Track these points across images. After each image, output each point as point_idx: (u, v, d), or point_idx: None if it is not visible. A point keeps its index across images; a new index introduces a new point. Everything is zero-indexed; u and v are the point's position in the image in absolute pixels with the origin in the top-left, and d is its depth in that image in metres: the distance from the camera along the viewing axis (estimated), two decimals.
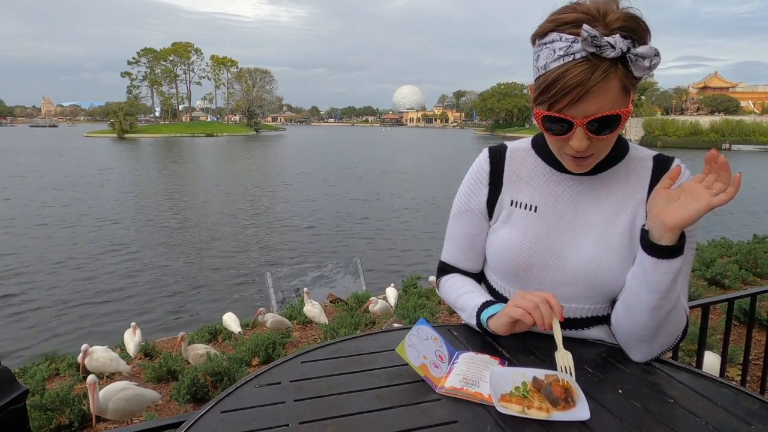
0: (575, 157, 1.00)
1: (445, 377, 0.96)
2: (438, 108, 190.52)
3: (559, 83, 0.89)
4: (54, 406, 3.72)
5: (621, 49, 0.87)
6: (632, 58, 0.88)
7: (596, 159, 1.02)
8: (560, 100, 0.91)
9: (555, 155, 1.07)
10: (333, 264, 10.07)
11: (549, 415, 0.82)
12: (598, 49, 0.87)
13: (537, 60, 0.96)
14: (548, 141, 1.05)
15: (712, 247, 8.19)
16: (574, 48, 0.88)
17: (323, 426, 0.82)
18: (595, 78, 0.88)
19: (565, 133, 0.95)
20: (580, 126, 0.93)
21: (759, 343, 3.91)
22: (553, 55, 0.91)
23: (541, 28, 0.95)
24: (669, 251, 0.93)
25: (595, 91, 0.89)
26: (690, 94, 78.64)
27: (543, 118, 0.96)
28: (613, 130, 0.95)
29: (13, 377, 1.30)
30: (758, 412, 0.85)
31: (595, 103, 0.90)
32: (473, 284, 1.21)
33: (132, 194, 23.18)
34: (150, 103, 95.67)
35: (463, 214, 1.21)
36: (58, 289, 10.52)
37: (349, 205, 20.51)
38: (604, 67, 0.88)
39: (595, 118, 0.91)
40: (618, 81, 0.90)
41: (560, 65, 0.90)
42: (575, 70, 0.88)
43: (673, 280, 0.95)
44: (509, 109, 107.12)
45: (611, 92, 0.90)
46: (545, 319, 0.97)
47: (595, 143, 0.96)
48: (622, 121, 0.94)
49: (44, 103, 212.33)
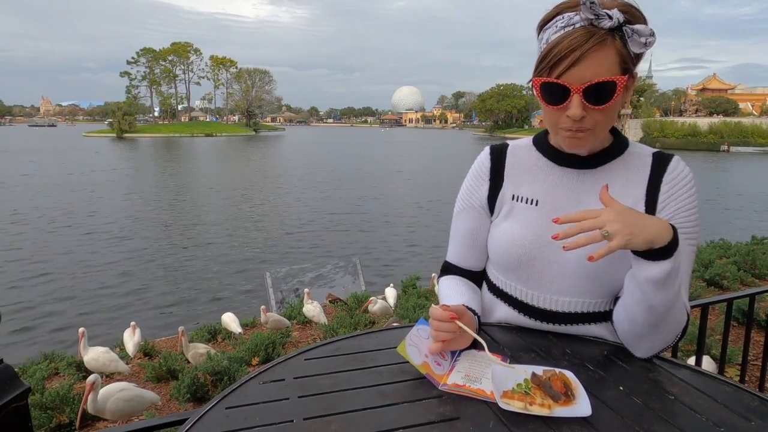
0: (572, 130, 1.00)
1: (448, 374, 0.97)
2: (437, 109, 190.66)
3: (556, 48, 0.94)
4: (54, 405, 3.73)
5: (618, 19, 0.92)
6: (628, 31, 0.93)
7: (593, 136, 1.02)
8: (557, 65, 0.94)
9: (552, 139, 1.09)
10: (332, 264, 10.07)
11: (551, 412, 0.83)
12: (596, 18, 0.91)
13: (541, 42, 1.00)
14: (546, 118, 1.06)
15: (710, 248, 8.20)
16: (575, 20, 0.94)
17: (327, 422, 0.83)
18: (591, 43, 0.92)
19: (562, 101, 0.97)
20: (576, 93, 0.95)
21: (757, 344, 3.92)
22: (555, 29, 0.96)
23: (546, 15, 1.00)
24: (650, 254, 0.91)
25: (591, 57, 0.92)
26: (689, 95, 78.78)
27: (541, 85, 0.98)
28: (608, 100, 0.96)
29: (15, 375, 1.31)
30: (758, 409, 0.86)
31: (590, 70, 0.93)
32: (460, 288, 1.21)
33: (131, 194, 23.15)
34: (149, 103, 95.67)
35: (465, 211, 1.23)
36: (56, 288, 10.51)
37: (349, 206, 20.51)
38: (601, 34, 0.92)
39: (590, 84, 0.93)
40: (614, 52, 0.93)
41: (560, 34, 0.95)
42: (572, 36, 0.93)
43: (665, 280, 0.93)
44: (508, 110, 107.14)
45: (607, 61, 0.93)
46: (439, 334, 0.98)
47: (592, 114, 0.97)
48: (617, 91, 0.95)
49: (43, 103, 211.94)
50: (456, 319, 0.99)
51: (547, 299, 1.13)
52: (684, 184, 1.06)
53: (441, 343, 0.99)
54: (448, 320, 0.99)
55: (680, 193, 1.05)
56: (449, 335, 0.99)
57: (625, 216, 0.89)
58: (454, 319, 0.99)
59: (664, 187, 1.06)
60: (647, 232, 0.88)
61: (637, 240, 0.88)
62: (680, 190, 1.05)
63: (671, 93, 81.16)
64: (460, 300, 1.14)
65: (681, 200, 1.05)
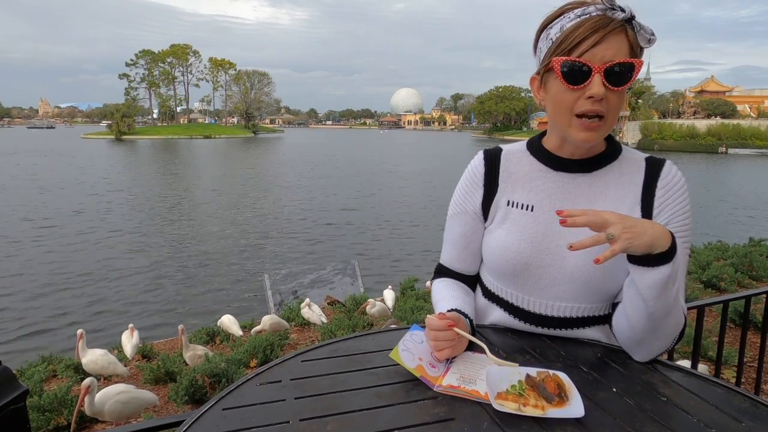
0: (587, 116, 1.00)
1: (443, 376, 0.98)
2: (436, 111, 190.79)
3: (578, 30, 0.97)
4: (52, 407, 3.73)
5: (630, 12, 0.97)
6: (637, 25, 0.98)
7: (605, 127, 1.02)
8: (580, 44, 0.97)
9: (563, 128, 1.05)
10: (331, 266, 10.08)
11: (544, 413, 0.84)
12: (611, 9, 0.97)
13: (546, 38, 1.03)
14: (559, 105, 1.03)
15: (708, 250, 8.21)
16: (589, 9, 0.98)
17: (323, 423, 0.83)
18: (611, 27, 0.96)
19: (584, 81, 0.98)
20: (597, 72, 0.97)
21: (753, 345, 3.93)
22: (569, 20, 1.00)
23: (549, 16, 1.03)
24: (648, 260, 0.93)
25: (611, 39, 0.97)
26: (686, 97, 78.91)
27: (562, 64, 0.99)
28: (627, 81, 0.99)
29: (13, 377, 1.31)
30: (749, 410, 0.87)
31: (611, 49, 0.97)
32: (452, 291, 1.21)
33: (130, 196, 23.12)
34: (148, 105, 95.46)
35: (458, 216, 1.23)
36: (55, 291, 10.49)
37: (348, 207, 20.51)
38: (617, 22, 0.97)
39: (613, 64, 0.96)
40: (627, 40, 0.98)
41: (577, 21, 0.98)
42: (592, 20, 0.97)
43: (664, 286, 0.94)
44: (507, 112, 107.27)
45: (624, 46, 0.98)
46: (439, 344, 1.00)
47: (609, 98, 0.99)
48: (635, 73, 0.99)
49: (41, 105, 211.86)
50: (453, 327, 1.00)
51: (542, 304, 1.13)
52: (678, 188, 1.07)
53: (448, 350, 1.00)
54: (446, 329, 0.99)
55: (675, 197, 1.06)
56: (448, 343, 1.00)
57: (626, 220, 0.91)
58: (451, 327, 0.99)
59: (659, 192, 1.07)
60: (648, 235, 0.90)
61: (639, 243, 0.89)
62: (675, 194, 1.06)
63: (669, 95, 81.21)
64: (453, 304, 1.14)
65: (676, 205, 1.06)
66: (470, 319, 1.12)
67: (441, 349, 1.00)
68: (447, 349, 1.00)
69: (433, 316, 1.03)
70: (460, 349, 1.04)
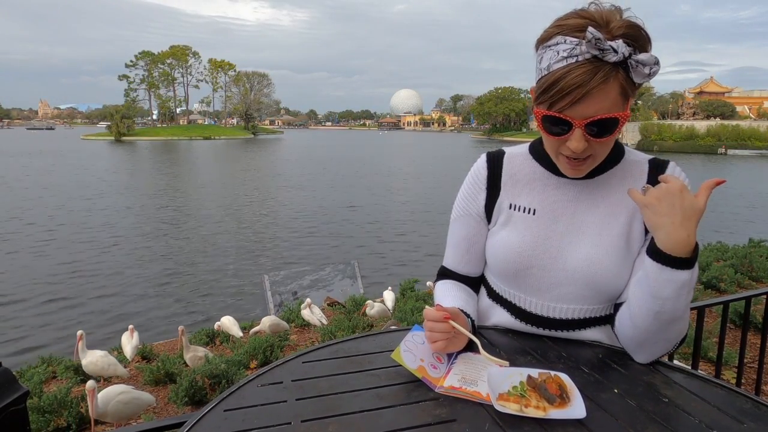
0: (572, 159, 1.01)
1: (444, 377, 0.98)
2: (436, 112, 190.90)
3: (560, 83, 0.91)
4: (52, 408, 3.72)
5: (623, 54, 0.89)
6: (633, 63, 0.90)
7: (593, 163, 1.03)
8: (560, 100, 0.93)
9: (552, 159, 1.08)
10: (331, 267, 10.06)
11: (546, 414, 0.84)
12: (601, 53, 0.89)
13: (540, 62, 0.98)
14: (546, 143, 1.07)
15: (708, 250, 8.22)
16: (578, 50, 0.90)
17: (324, 424, 0.83)
18: (596, 80, 0.89)
19: (564, 134, 0.97)
20: (578, 127, 0.95)
21: (754, 346, 3.93)
22: (557, 56, 0.93)
23: (546, 33, 0.97)
24: (674, 261, 0.93)
25: (595, 94, 0.91)
26: (686, 98, 78.99)
27: (543, 117, 0.98)
28: (610, 134, 0.96)
29: (14, 378, 1.31)
30: (750, 411, 0.87)
31: (594, 106, 0.92)
32: (455, 292, 1.21)
33: (129, 197, 23.11)
34: (147, 106, 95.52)
35: (462, 218, 1.23)
36: (54, 292, 10.48)
37: (348, 209, 20.50)
38: (606, 70, 0.89)
39: (593, 121, 0.93)
40: (618, 85, 0.92)
41: (563, 66, 0.92)
42: (577, 71, 0.90)
43: (678, 290, 0.94)
44: (506, 114, 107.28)
45: (611, 96, 0.92)
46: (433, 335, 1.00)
47: (593, 145, 0.98)
48: (619, 125, 0.96)
49: (41, 106, 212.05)
50: (449, 319, 1.00)
51: (545, 306, 1.13)
52: None
53: (443, 342, 0.99)
54: (442, 320, 0.99)
55: None
56: (443, 335, 0.99)
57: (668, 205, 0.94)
58: (447, 319, 0.99)
59: None
60: (663, 231, 0.93)
61: (651, 222, 0.94)
62: None
63: (669, 96, 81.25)
64: (455, 304, 1.14)
65: None
66: (472, 319, 1.13)
67: (435, 340, 0.99)
68: (441, 341, 0.99)
69: (431, 307, 1.03)
70: (458, 345, 1.04)
